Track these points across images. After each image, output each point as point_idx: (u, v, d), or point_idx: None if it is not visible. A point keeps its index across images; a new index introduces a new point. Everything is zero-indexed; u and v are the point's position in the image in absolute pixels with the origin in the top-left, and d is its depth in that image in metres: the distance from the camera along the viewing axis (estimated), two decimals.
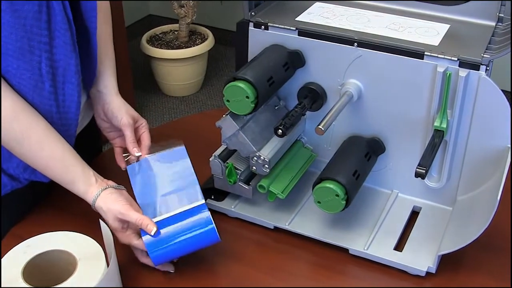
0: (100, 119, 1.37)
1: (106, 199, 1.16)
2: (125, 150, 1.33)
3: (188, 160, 1.24)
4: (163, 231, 1.16)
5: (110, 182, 1.19)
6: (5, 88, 1.13)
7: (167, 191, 1.21)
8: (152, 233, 1.14)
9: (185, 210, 1.18)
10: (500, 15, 1.27)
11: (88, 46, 1.28)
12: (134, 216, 1.14)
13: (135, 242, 1.17)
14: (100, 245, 1.10)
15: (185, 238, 1.16)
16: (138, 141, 1.32)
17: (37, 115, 1.17)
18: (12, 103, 1.13)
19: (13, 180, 1.28)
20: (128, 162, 1.31)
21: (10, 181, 1.27)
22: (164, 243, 1.15)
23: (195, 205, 1.19)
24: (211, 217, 1.16)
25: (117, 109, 1.33)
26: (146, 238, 1.15)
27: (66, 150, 1.18)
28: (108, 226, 1.15)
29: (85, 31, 1.26)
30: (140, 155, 1.28)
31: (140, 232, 1.17)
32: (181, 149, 1.25)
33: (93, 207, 1.17)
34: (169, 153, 1.26)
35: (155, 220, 1.16)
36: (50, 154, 1.17)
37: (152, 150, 1.29)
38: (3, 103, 1.12)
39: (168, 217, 1.18)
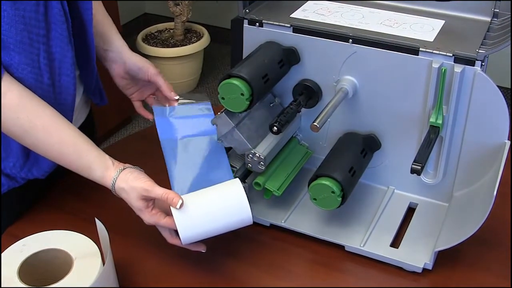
0: (119, 78, 1.40)
1: (127, 178, 1.14)
2: (144, 103, 1.44)
3: (213, 114, 1.30)
4: (195, 210, 1.12)
5: (127, 164, 1.17)
6: (9, 79, 1.12)
7: (189, 134, 1.27)
8: (178, 206, 1.10)
9: (217, 187, 1.16)
10: (495, 10, 1.27)
11: (84, 40, 1.28)
12: (160, 191, 1.11)
13: (163, 221, 1.13)
14: (96, 244, 1.10)
15: (219, 222, 1.13)
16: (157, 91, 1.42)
17: (43, 103, 1.16)
18: (17, 92, 1.12)
19: (10, 180, 1.27)
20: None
21: (7, 181, 1.27)
22: (196, 224, 1.12)
23: (228, 183, 1.16)
24: (248, 203, 1.13)
25: (141, 62, 1.38)
26: (177, 217, 1.11)
27: (77, 136, 1.17)
28: (132, 207, 1.14)
29: (80, 25, 1.26)
30: (178, 98, 1.34)
31: (167, 210, 1.14)
32: (207, 103, 1.33)
33: (113, 191, 1.15)
34: (196, 105, 1.32)
35: (185, 197, 1.13)
36: (60, 140, 1.15)
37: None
38: (9, 94, 1.11)
39: (199, 194, 1.15)
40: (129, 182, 1.13)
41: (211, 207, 1.13)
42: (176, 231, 1.14)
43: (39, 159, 1.27)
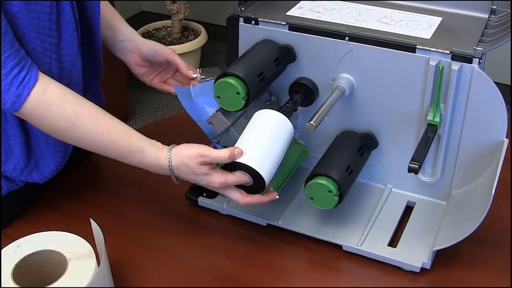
0: (137, 66, 1.40)
1: (179, 152, 1.14)
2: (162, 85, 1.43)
3: None
4: (254, 147, 1.14)
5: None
6: (45, 77, 1.11)
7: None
8: (243, 152, 1.12)
9: (251, 122, 1.20)
10: (493, 7, 1.26)
11: (90, 44, 1.29)
12: (215, 153, 1.12)
13: (231, 177, 1.13)
14: (91, 245, 1.09)
15: (276, 144, 1.16)
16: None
17: (81, 96, 1.15)
18: (57, 87, 1.12)
19: (9, 182, 1.27)
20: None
21: (6, 183, 1.27)
22: (265, 156, 1.14)
23: (255, 115, 1.20)
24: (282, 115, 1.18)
25: (156, 45, 1.38)
26: (248, 161, 1.12)
27: (121, 123, 1.16)
28: (197, 176, 1.14)
29: (87, 28, 1.26)
30: (197, 76, 1.35)
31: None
32: None
33: (170, 170, 1.15)
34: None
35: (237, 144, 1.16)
36: (108, 128, 1.14)
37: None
38: (50, 90, 1.10)
39: (244, 136, 1.18)
40: (183, 153, 1.13)
41: (262, 138, 1.16)
42: (245, 188, 1.16)
43: (40, 163, 1.27)
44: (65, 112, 1.10)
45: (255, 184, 1.15)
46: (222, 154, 1.12)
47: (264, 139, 1.16)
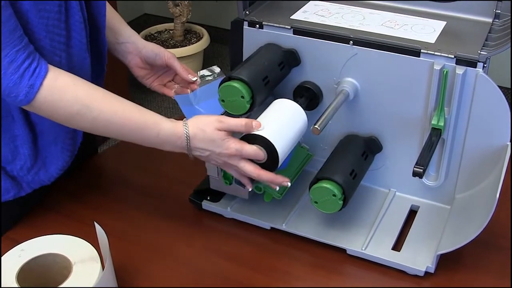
0: (138, 68, 1.40)
1: (196, 120, 1.15)
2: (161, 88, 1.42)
3: None
4: (272, 125, 1.16)
5: None
6: (55, 68, 1.12)
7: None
8: (261, 127, 1.14)
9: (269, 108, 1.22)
10: (497, 11, 1.26)
11: (96, 45, 1.29)
12: (233, 121, 1.13)
13: (247, 146, 1.13)
14: (95, 248, 1.09)
15: (292, 129, 1.19)
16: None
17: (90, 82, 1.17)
18: (68, 74, 1.13)
19: (16, 185, 1.26)
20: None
21: (13, 186, 1.26)
22: (280, 134, 1.16)
23: (274, 102, 1.23)
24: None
25: (156, 48, 1.38)
26: (265, 134, 1.13)
27: (133, 103, 1.16)
28: (215, 142, 1.13)
29: (93, 30, 1.26)
30: (196, 79, 1.34)
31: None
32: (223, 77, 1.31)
33: (186, 139, 1.14)
34: (215, 83, 1.30)
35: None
36: (122, 106, 1.14)
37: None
38: (61, 77, 1.11)
39: (263, 117, 1.19)
40: (201, 120, 1.15)
41: (280, 120, 1.18)
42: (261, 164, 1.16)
43: (47, 162, 1.27)
44: (78, 96, 1.11)
45: (268, 162, 1.15)
46: (239, 122, 1.13)
47: (282, 121, 1.18)
